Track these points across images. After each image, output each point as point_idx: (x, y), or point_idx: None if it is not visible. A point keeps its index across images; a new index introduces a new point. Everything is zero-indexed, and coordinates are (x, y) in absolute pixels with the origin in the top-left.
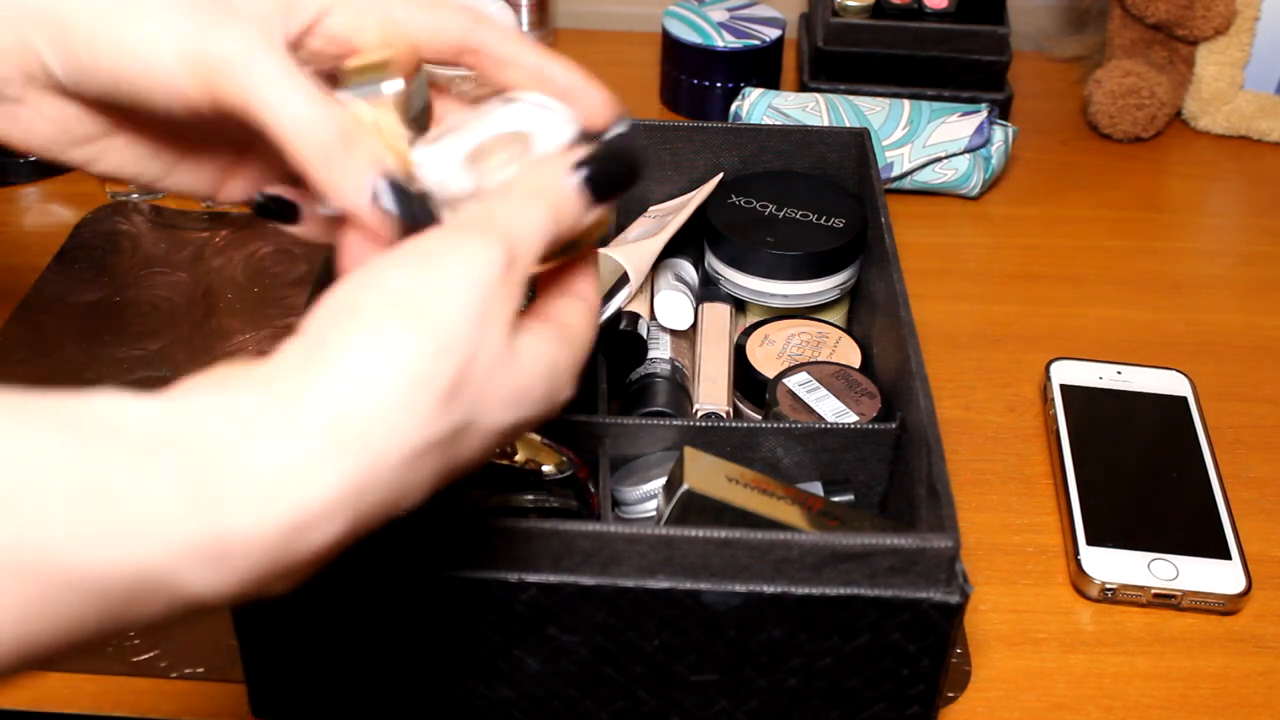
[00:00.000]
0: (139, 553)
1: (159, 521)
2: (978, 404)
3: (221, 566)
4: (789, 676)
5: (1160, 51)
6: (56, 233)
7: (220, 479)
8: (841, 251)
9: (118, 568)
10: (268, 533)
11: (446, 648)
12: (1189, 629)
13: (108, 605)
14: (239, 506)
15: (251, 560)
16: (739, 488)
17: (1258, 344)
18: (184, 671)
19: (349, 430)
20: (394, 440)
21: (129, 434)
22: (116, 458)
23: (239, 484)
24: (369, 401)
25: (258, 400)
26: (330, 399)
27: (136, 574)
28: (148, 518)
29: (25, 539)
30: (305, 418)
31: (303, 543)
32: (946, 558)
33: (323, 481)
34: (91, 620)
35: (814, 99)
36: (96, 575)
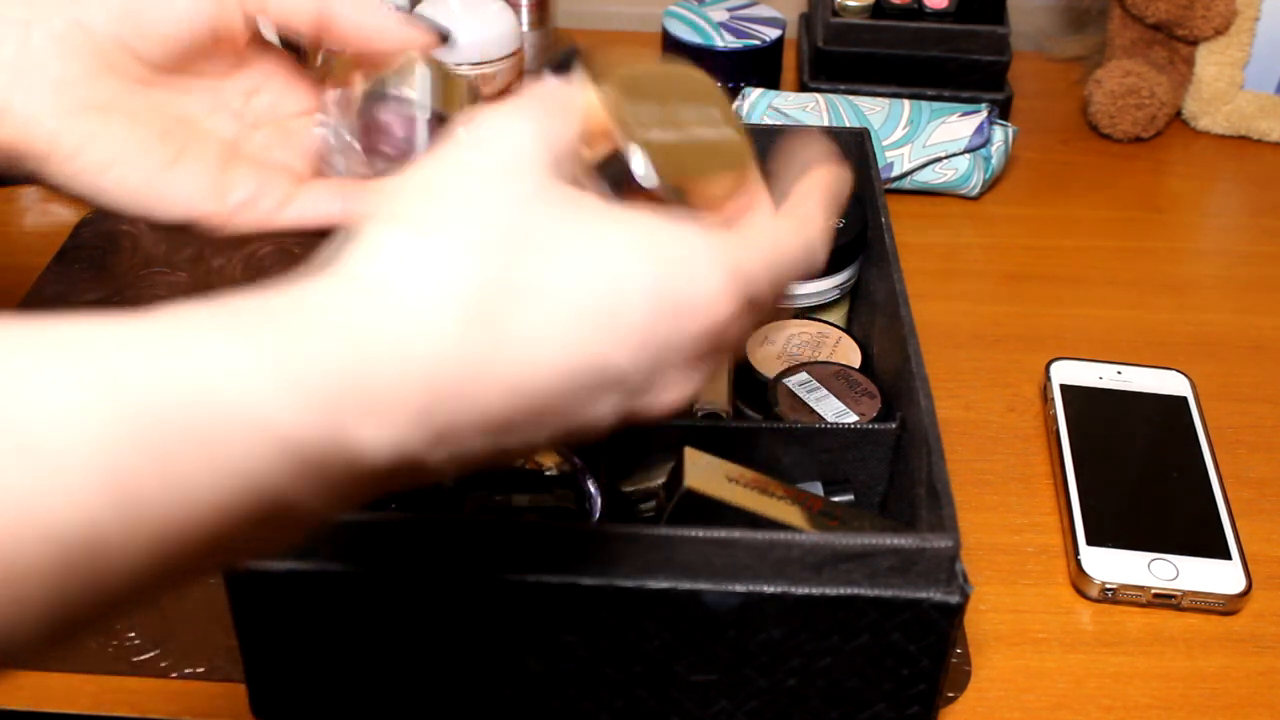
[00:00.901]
0: (310, 405)
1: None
2: (978, 404)
3: (382, 419)
4: (789, 676)
5: (1160, 51)
6: (56, 233)
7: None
8: (841, 251)
9: (299, 419)
10: (413, 379)
11: (447, 648)
12: (1189, 629)
13: (300, 462)
14: (382, 354)
15: (408, 407)
16: (739, 488)
17: (1257, 344)
18: (184, 671)
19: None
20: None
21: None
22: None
23: (375, 337)
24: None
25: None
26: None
27: (315, 429)
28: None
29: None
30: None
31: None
32: (946, 558)
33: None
34: (285, 481)
35: (814, 99)
36: (283, 427)
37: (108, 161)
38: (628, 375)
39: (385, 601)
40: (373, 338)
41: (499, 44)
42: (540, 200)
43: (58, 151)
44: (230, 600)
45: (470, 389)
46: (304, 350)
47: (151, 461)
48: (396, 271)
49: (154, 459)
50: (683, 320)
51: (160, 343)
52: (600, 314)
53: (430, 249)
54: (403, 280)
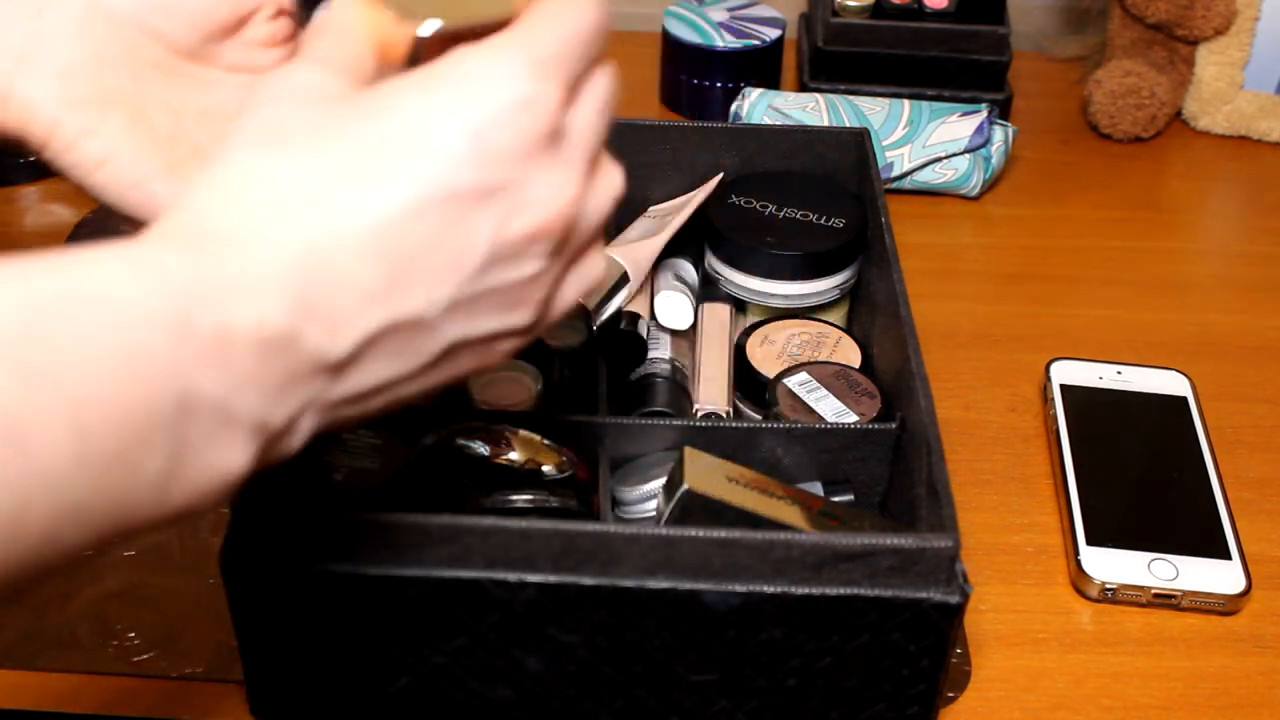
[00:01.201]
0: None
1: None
2: (978, 404)
3: (247, 293)
4: (789, 676)
5: (1160, 51)
6: (56, 233)
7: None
8: (841, 251)
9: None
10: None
11: (446, 648)
12: (1189, 629)
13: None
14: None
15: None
16: (739, 488)
17: (1258, 344)
18: (184, 671)
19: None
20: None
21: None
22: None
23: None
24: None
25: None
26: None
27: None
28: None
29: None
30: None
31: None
32: (946, 558)
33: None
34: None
35: (814, 99)
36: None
37: (102, 158)
38: (477, 185)
39: (384, 602)
40: (229, 233)
41: None
42: (345, 100)
43: (55, 140)
44: (230, 600)
45: (327, 257)
46: (171, 253)
47: (49, 342)
48: (246, 187)
49: (51, 341)
50: (508, 120)
51: (57, 263)
52: (413, 144)
53: (270, 166)
54: (250, 191)
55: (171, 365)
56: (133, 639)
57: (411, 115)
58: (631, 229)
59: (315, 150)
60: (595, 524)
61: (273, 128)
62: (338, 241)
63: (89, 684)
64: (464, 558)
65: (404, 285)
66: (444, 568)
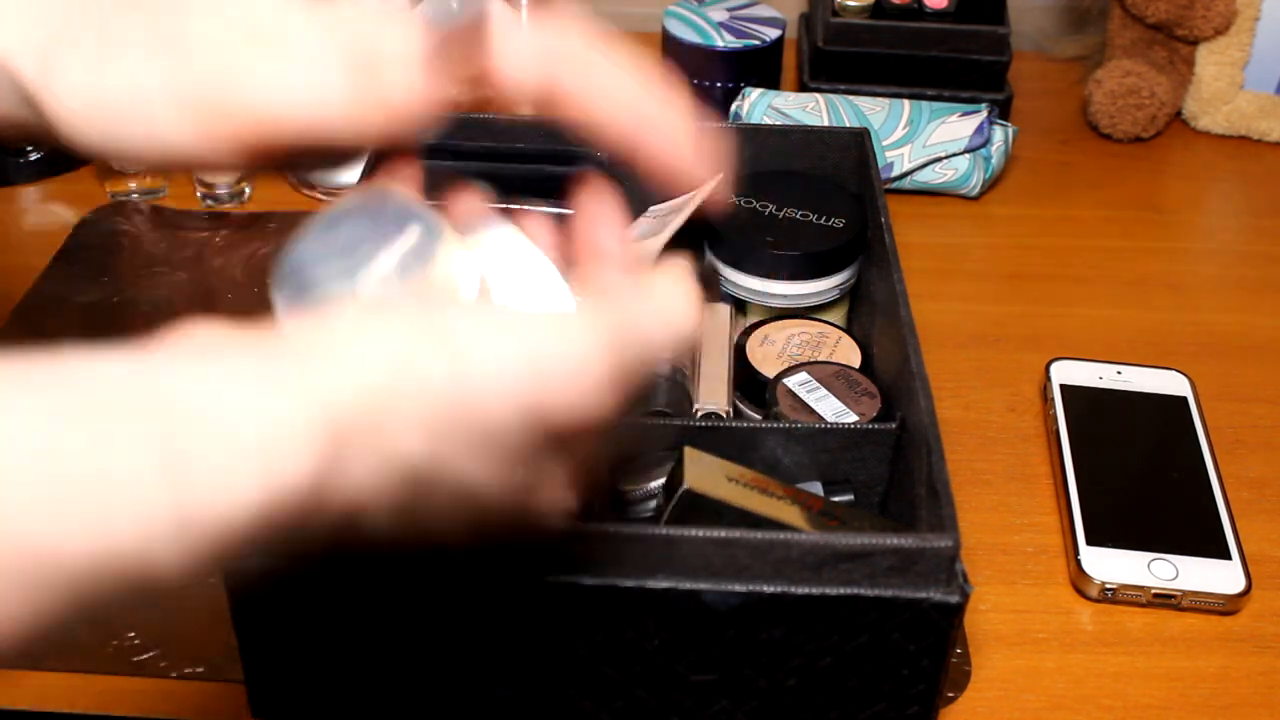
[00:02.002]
0: (103, 533)
1: (125, 499)
2: (978, 404)
3: (190, 545)
4: (789, 676)
5: (1160, 51)
6: (56, 233)
7: (189, 449)
8: (841, 251)
9: (83, 550)
10: (240, 511)
11: (446, 648)
12: (1189, 629)
13: (72, 587)
14: (210, 479)
15: (224, 537)
16: (739, 487)
17: (1257, 344)
18: (184, 671)
19: (335, 404)
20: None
21: (97, 400)
22: (82, 428)
23: (210, 455)
24: (364, 378)
25: (241, 362)
26: (323, 371)
27: (103, 555)
28: (111, 496)
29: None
30: (290, 383)
31: (284, 517)
32: (946, 558)
33: (299, 454)
34: (56, 603)
35: (814, 99)
36: (62, 557)
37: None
38: (500, 433)
39: (385, 601)
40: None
41: None
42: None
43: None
44: (230, 600)
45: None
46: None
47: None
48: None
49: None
50: (555, 383)
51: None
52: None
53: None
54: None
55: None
56: (133, 639)
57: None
58: (631, 229)
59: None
60: (595, 524)
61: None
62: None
63: (89, 684)
64: (465, 558)
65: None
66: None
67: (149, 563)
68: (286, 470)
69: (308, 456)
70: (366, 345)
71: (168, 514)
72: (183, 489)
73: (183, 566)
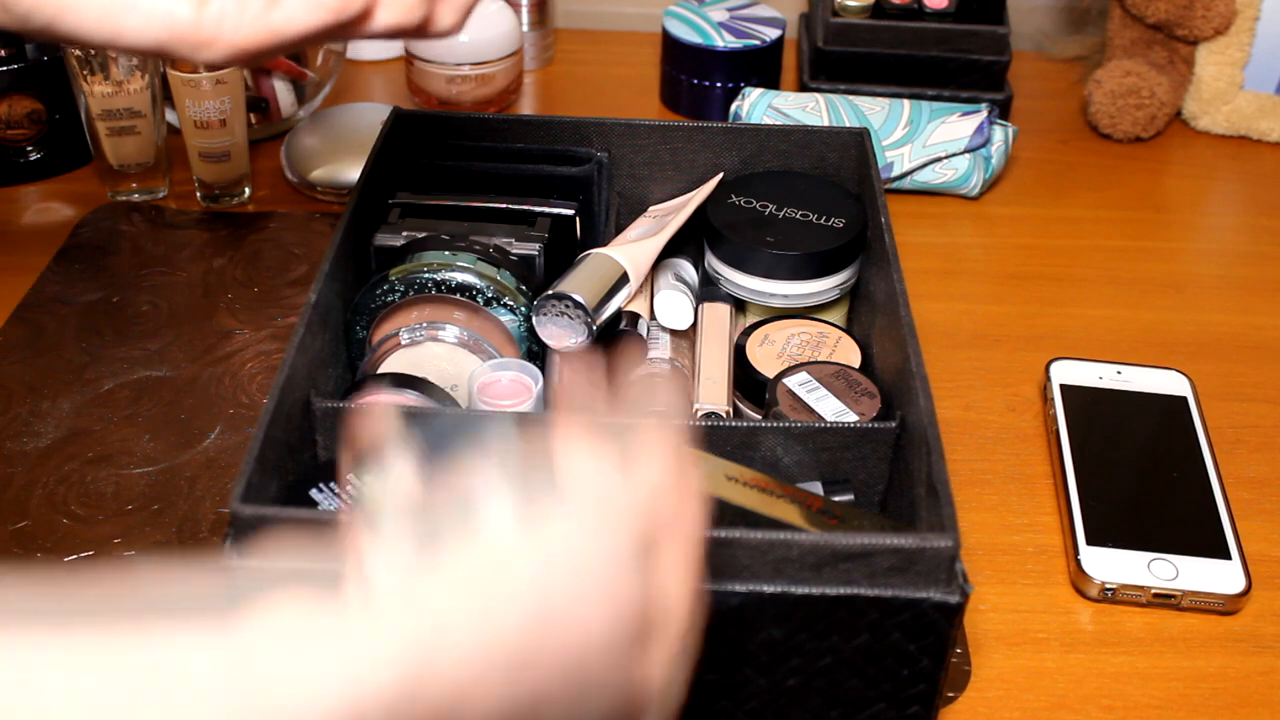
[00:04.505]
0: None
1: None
2: (978, 404)
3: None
4: (789, 676)
5: (1160, 51)
6: (56, 233)
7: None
8: (841, 251)
9: None
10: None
11: None
12: (1189, 629)
13: None
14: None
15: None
16: (738, 486)
17: (1258, 344)
18: None
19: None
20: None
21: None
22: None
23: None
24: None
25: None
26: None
27: None
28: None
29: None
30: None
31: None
32: (946, 557)
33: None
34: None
35: (814, 99)
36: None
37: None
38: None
39: None
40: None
41: (499, 44)
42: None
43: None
44: None
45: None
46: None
47: None
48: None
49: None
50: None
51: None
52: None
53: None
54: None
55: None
56: None
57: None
58: (631, 229)
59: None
60: None
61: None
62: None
63: None
64: None
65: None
66: None
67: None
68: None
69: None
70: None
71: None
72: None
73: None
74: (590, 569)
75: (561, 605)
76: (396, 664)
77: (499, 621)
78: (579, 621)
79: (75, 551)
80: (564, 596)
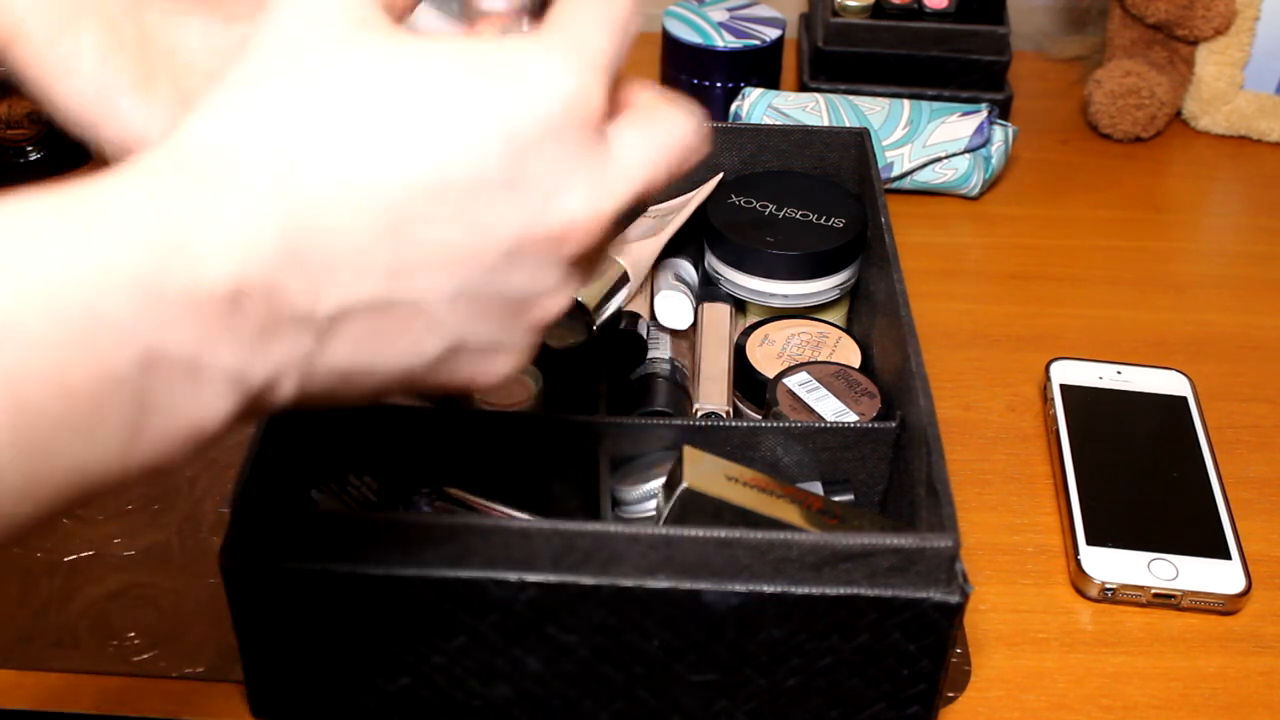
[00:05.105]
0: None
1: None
2: (978, 404)
3: (220, 231)
4: (789, 676)
5: (1160, 51)
6: None
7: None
8: (841, 251)
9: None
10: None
11: (446, 648)
12: (1189, 629)
13: (146, 292)
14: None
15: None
16: (738, 486)
17: (1257, 344)
18: (184, 671)
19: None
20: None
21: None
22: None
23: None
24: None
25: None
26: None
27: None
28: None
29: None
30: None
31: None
32: (946, 557)
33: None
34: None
35: (814, 99)
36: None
37: (67, 63)
38: (507, 181)
39: (385, 601)
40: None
41: None
42: (379, 38)
43: (20, 38)
44: (230, 600)
45: (324, 212)
46: (143, 191)
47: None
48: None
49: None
50: (551, 121)
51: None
52: (449, 122)
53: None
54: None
55: (133, 327)
56: (133, 639)
57: (453, 91)
58: (631, 229)
59: (336, 90)
60: (595, 524)
61: (287, 51)
62: (341, 198)
63: (89, 684)
64: (464, 557)
65: (407, 265)
66: (444, 567)
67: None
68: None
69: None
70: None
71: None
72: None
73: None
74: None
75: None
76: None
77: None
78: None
79: (75, 551)
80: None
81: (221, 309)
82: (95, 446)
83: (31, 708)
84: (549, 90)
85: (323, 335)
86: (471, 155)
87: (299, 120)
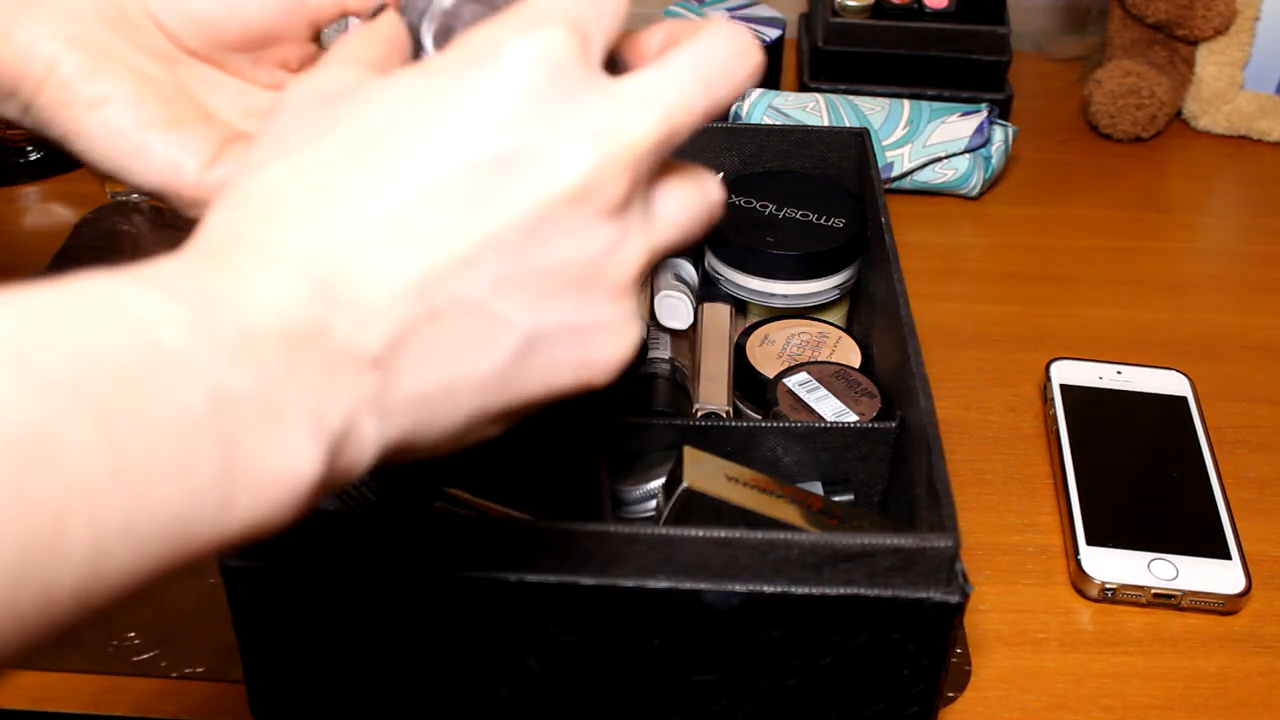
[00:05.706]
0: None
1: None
2: (978, 404)
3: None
4: (789, 676)
5: (1160, 51)
6: (56, 233)
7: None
8: (841, 251)
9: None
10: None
11: (446, 648)
12: (1189, 629)
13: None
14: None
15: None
16: (738, 486)
17: (1258, 344)
18: (184, 671)
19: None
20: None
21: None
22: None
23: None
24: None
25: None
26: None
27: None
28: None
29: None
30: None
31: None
32: (946, 557)
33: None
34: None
35: (814, 99)
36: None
37: (100, 99)
38: (498, 151)
39: (385, 601)
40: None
41: None
42: (353, 90)
43: (53, 78)
44: (230, 600)
45: (339, 247)
46: (175, 266)
47: (60, 348)
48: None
49: (62, 346)
50: (526, 76)
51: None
52: (419, 118)
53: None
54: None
55: (193, 360)
56: (133, 639)
57: (415, 90)
58: None
59: (316, 143)
60: (595, 524)
61: (281, 133)
62: (350, 230)
63: (89, 684)
64: (464, 557)
65: (436, 273)
66: (445, 568)
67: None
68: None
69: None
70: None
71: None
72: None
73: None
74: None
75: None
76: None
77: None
78: None
79: None
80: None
81: (276, 350)
82: (193, 495)
83: (31, 707)
84: (517, 56)
85: (384, 366)
86: (450, 140)
87: (292, 179)
